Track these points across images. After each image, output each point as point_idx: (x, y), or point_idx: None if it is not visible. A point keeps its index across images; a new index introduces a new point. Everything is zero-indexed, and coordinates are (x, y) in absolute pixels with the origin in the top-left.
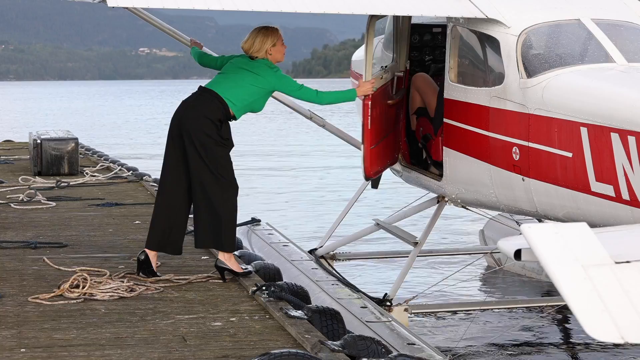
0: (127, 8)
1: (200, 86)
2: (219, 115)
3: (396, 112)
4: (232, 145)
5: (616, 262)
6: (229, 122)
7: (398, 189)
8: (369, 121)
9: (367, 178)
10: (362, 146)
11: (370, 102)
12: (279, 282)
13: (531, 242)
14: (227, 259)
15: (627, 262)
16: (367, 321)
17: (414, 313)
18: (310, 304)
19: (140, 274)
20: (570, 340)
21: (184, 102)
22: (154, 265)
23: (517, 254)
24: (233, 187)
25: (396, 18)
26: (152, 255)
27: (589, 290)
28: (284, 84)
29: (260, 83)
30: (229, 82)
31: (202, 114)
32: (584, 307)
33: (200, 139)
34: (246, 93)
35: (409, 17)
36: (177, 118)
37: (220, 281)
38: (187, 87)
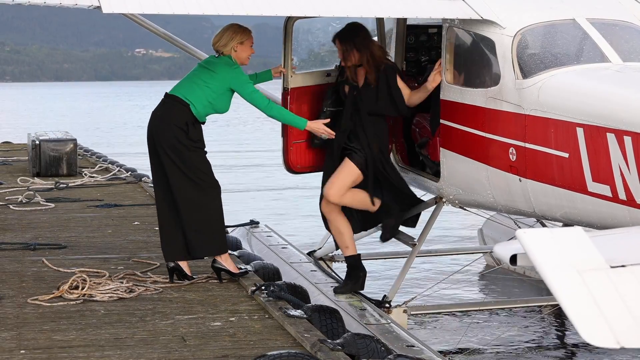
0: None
1: (165, 93)
2: (185, 117)
3: None
4: (204, 147)
5: (612, 267)
6: (200, 124)
7: None
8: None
9: (290, 171)
10: (281, 140)
11: (289, 97)
12: (278, 282)
13: (526, 247)
14: (224, 260)
15: (623, 266)
16: (365, 323)
17: (413, 314)
18: (310, 302)
19: (175, 280)
20: (570, 340)
21: (152, 113)
22: (186, 270)
23: (513, 259)
24: (214, 188)
25: (379, 19)
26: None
27: (585, 295)
28: (239, 83)
29: (217, 81)
30: (187, 83)
31: (168, 121)
32: (580, 312)
33: (173, 147)
34: (203, 93)
35: (404, 18)
36: (149, 131)
37: (220, 281)
38: None
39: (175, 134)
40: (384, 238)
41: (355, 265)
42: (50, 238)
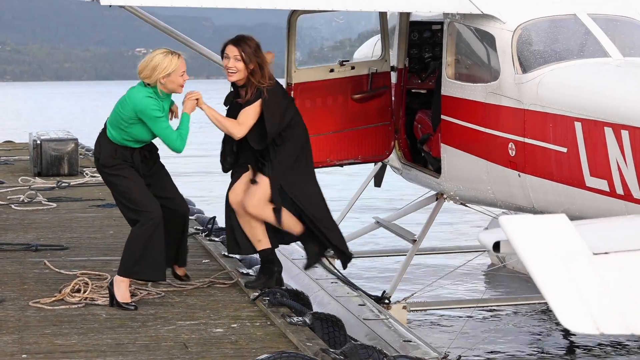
0: (122, 7)
1: None
2: (99, 146)
3: (366, 108)
4: (116, 171)
5: (594, 254)
6: (122, 148)
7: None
8: None
9: None
10: None
11: (292, 92)
12: (280, 288)
13: (509, 233)
14: (118, 283)
15: (606, 253)
16: (364, 319)
17: (412, 311)
18: (312, 309)
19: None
20: (570, 338)
21: None
22: (180, 272)
23: (496, 245)
24: (140, 214)
25: (381, 15)
26: (175, 268)
27: (565, 281)
28: (149, 118)
29: (124, 108)
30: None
31: (95, 150)
32: (560, 298)
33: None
34: (114, 118)
35: (407, 14)
36: None
37: (222, 286)
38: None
39: (98, 162)
40: (307, 265)
41: (268, 259)
42: (52, 239)
